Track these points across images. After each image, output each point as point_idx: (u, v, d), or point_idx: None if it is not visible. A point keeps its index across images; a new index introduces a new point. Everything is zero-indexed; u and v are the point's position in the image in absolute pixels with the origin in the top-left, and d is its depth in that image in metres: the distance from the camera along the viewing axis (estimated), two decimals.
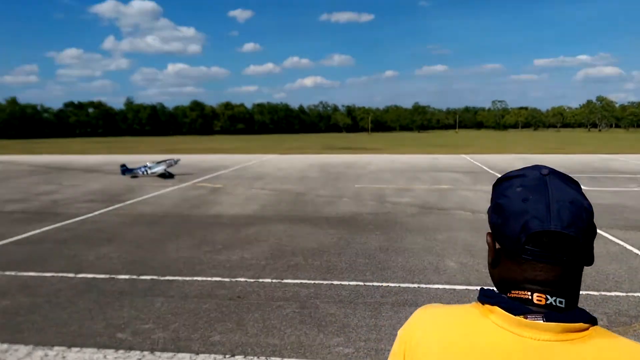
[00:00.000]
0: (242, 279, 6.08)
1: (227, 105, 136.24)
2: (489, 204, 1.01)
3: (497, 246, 0.94)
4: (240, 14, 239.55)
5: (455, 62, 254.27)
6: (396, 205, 11.26)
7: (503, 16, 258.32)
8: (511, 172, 0.98)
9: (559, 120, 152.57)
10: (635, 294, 5.50)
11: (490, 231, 0.96)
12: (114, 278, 6.18)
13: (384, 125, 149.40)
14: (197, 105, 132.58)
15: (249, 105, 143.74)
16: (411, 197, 12.42)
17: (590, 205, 0.89)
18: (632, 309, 5.08)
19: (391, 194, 13.00)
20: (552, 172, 0.94)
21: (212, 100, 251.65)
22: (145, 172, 17.73)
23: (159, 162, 18.16)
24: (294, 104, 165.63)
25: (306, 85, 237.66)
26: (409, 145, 44.36)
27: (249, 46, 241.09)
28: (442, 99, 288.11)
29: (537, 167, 0.95)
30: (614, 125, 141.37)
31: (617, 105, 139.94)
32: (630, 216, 9.88)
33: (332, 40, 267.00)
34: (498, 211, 0.93)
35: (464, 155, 27.97)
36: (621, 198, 12.21)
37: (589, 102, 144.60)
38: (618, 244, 7.66)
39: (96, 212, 10.81)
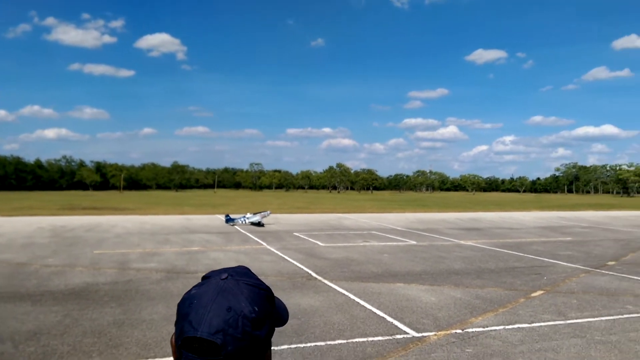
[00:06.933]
0: None
1: None
2: (238, 264, 1.00)
3: None
4: None
5: (217, 125, 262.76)
6: (140, 272, 10.44)
7: (260, 88, 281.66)
8: (209, 272, 0.97)
9: (307, 183, 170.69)
10: (355, 340, 6.13)
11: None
12: None
13: (139, 183, 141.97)
14: None
15: None
16: (158, 262, 11.73)
17: (254, 312, 0.88)
18: (350, 355, 5.61)
19: (136, 260, 12.06)
20: (233, 275, 0.93)
21: None
22: (243, 222, 21.17)
23: (255, 213, 21.98)
24: (30, 158, 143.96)
25: (47, 137, 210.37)
26: (164, 204, 42.86)
27: None
28: (202, 158, 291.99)
29: (225, 270, 0.95)
30: (349, 188, 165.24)
31: (352, 171, 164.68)
32: (355, 268, 11.29)
33: (83, 91, 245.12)
34: (176, 313, 0.93)
35: (218, 216, 28.37)
36: (349, 252, 13.96)
37: (331, 167, 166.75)
38: (344, 295, 8.58)
39: None
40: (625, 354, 5.68)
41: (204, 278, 0.96)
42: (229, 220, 21.56)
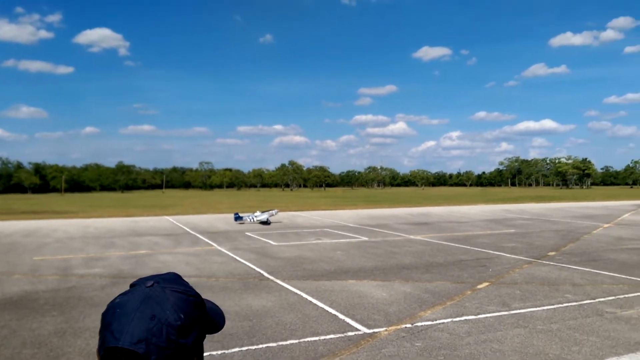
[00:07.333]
0: None
1: None
2: (188, 267, 0.95)
3: None
4: None
5: (164, 123, 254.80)
6: (83, 278, 10.00)
7: (208, 85, 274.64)
8: (136, 280, 0.95)
9: (259, 181, 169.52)
10: (307, 339, 6.12)
11: None
12: None
13: (82, 185, 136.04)
14: None
15: None
16: (103, 267, 11.28)
17: (180, 320, 0.86)
18: (302, 355, 5.60)
19: (79, 265, 11.54)
20: (159, 282, 0.90)
21: None
22: (252, 220, 21.72)
23: (263, 212, 22.48)
24: None
25: None
26: (109, 207, 41.30)
27: None
28: (149, 158, 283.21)
29: (152, 277, 0.92)
30: (302, 185, 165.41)
31: (304, 169, 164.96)
32: (308, 267, 11.28)
33: (18, 89, 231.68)
34: (100, 322, 0.90)
35: (167, 217, 27.63)
36: (302, 251, 13.94)
37: (283, 165, 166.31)
38: (296, 294, 8.55)
39: None
40: (565, 342, 5.98)
41: (131, 286, 0.94)
42: (237, 218, 22.17)
